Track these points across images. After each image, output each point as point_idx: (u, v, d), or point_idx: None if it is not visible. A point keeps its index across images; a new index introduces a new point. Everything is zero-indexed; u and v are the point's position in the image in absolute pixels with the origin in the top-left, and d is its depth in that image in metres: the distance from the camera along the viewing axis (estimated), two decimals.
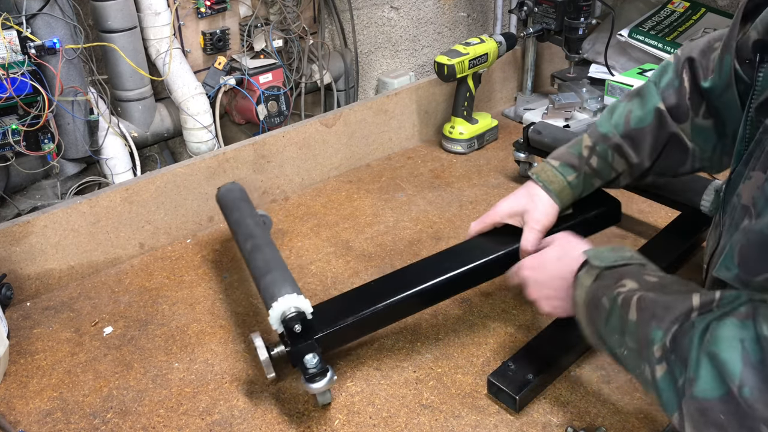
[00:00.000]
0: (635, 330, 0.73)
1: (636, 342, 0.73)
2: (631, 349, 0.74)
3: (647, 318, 0.72)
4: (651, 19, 1.96)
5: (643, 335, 0.71)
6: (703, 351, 0.63)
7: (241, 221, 1.18)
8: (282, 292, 0.94)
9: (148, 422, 0.98)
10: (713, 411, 0.61)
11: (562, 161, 1.08)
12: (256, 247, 1.09)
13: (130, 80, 1.48)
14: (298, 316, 0.92)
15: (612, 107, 1.08)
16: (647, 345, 0.70)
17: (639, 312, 0.74)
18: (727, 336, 0.62)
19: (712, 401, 0.61)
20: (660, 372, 0.68)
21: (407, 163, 1.73)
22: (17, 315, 1.21)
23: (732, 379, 0.60)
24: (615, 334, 0.77)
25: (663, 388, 0.68)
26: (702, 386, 0.62)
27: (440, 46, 2.11)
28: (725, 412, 0.61)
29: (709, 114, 0.97)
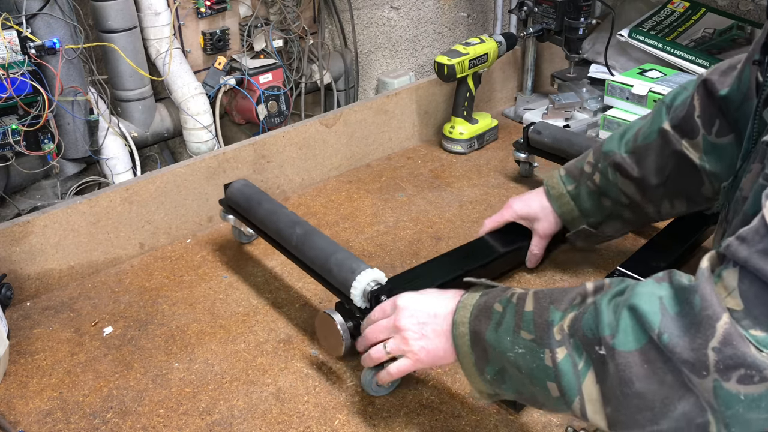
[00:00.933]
0: (532, 318, 0.73)
1: (533, 331, 0.72)
2: (527, 343, 0.72)
3: (545, 304, 0.73)
4: (651, 19, 1.96)
5: (541, 321, 0.71)
6: (622, 306, 0.64)
7: (277, 210, 1.18)
8: (361, 268, 0.99)
9: (148, 422, 0.98)
10: (636, 363, 0.62)
11: (567, 171, 1.13)
12: (309, 232, 1.11)
13: (130, 80, 1.48)
14: (381, 288, 0.97)
15: (627, 127, 1.11)
16: (547, 328, 0.70)
17: (536, 302, 0.74)
18: (645, 291, 0.64)
19: (634, 353, 0.63)
20: (561, 355, 0.69)
21: (407, 163, 1.73)
22: (17, 315, 1.21)
23: (651, 328, 0.61)
24: (507, 335, 0.74)
25: (564, 371, 0.68)
26: (622, 338, 0.63)
27: (440, 46, 2.11)
28: (647, 360, 0.62)
29: (724, 131, 0.97)
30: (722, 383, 0.58)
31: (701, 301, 0.59)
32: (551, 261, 1.31)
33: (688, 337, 0.59)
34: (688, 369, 0.60)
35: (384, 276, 1.00)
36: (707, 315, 0.59)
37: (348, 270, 1.00)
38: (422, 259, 1.32)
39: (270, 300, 1.24)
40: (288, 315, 1.20)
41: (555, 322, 0.71)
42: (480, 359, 0.78)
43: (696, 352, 0.59)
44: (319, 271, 1.07)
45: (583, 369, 0.67)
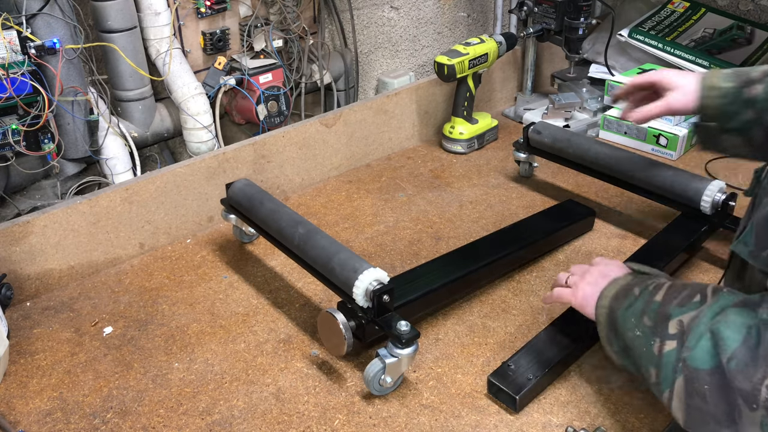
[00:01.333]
0: (656, 308, 0.78)
1: (653, 319, 0.77)
2: (646, 328, 0.78)
3: (671, 299, 0.77)
4: (651, 19, 1.96)
5: (662, 312, 0.76)
6: (709, 327, 0.68)
7: (279, 210, 1.19)
8: (363, 267, 1.00)
9: (148, 422, 0.98)
10: (699, 380, 0.67)
11: (734, 71, 1.07)
12: (311, 231, 1.11)
13: (130, 80, 1.48)
14: (384, 287, 0.98)
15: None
16: (664, 320, 0.75)
17: (665, 295, 0.79)
18: (736, 321, 0.66)
19: (701, 371, 0.67)
20: (668, 347, 0.73)
21: (407, 163, 1.73)
22: (17, 315, 1.21)
23: (725, 352, 0.65)
24: (633, 317, 0.81)
25: (666, 363, 0.72)
26: (696, 355, 0.67)
27: (440, 46, 2.11)
28: (710, 383, 0.66)
29: None
30: None
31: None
32: (551, 261, 1.32)
33: (752, 369, 0.62)
34: (742, 398, 0.63)
35: (386, 275, 1.00)
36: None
37: (350, 269, 1.00)
38: (422, 259, 1.32)
39: (270, 300, 1.24)
40: (288, 315, 1.20)
41: (673, 316, 0.74)
42: (610, 332, 0.87)
43: (752, 384, 0.62)
44: (321, 270, 1.07)
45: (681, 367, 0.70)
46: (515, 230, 1.34)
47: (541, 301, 1.10)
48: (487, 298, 1.22)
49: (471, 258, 1.22)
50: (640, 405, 0.98)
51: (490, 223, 1.45)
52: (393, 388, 1.02)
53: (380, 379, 0.98)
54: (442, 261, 1.22)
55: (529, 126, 1.54)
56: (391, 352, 0.97)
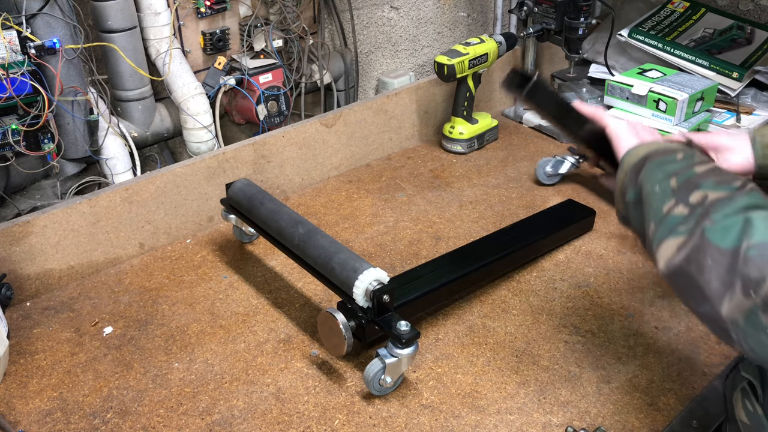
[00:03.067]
0: (689, 176, 0.75)
1: (680, 183, 0.75)
2: (668, 188, 0.76)
3: (708, 175, 0.75)
4: (651, 19, 1.96)
5: (693, 181, 0.74)
6: (742, 212, 0.67)
7: (279, 210, 1.19)
8: (363, 267, 1.00)
9: (148, 422, 0.98)
10: (706, 253, 0.67)
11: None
12: (312, 231, 1.11)
13: (130, 80, 1.48)
14: (384, 287, 0.98)
15: None
16: (691, 187, 0.73)
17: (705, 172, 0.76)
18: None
19: (714, 247, 0.66)
20: (678, 211, 0.72)
21: (407, 163, 1.73)
22: (17, 315, 1.21)
23: (749, 239, 0.64)
24: (662, 173, 0.78)
25: (667, 222, 0.73)
26: (717, 230, 0.67)
27: (440, 46, 2.11)
28: (716, 260, 0.66)
29: None
30: (759, 311, 0.62)
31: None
32: (551, 261, 1.32)
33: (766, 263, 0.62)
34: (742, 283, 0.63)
35: (386, 275, 1.00)
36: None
37: (351, 269, 1.00)
38: (422, 259, 1.32)
39: (270, 300, 1.24)
40: (288, 315, 1.20)
41: (701, 187, 0.73)
42: (631, 178, 0.82)
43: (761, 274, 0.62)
44: (321, 270, 1.07)
45: (681, 230, 0.71)
46: (515, 230, 1.34)
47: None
48: (487, 298, 1.22)
49: (471, 258, 1.22)
50: (640, 405, 0.98)
51: (490, 223, 1.45)
52: (393, 388, 1.02)
53: (380, 379, 0.98)
54: (442, 261, 1.22)
55: None
56: (391, 352, 0.97)
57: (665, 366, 1.06)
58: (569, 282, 1.26)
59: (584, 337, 1.12)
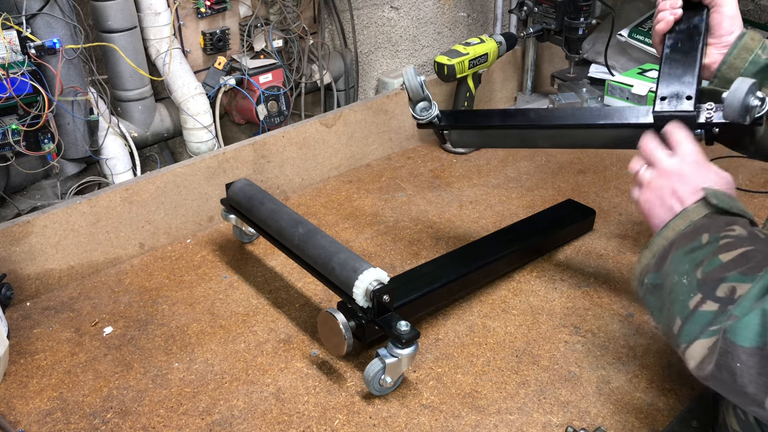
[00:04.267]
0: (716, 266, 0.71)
1: (706, 274, 0.71)
2: (694, 280, 0.72)
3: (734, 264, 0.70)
4: (651, 19, 1.96)
5: (719, 273, 0.70)
6: (759, 304, 0.63)
7: (279, 210, 1.19)
8: (363, 267, 1.00)
9: (148, 422, 0.98)
10: (734, 356, 0.62)
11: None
12: (312, 231, 1.11)
13: (130, 80, 1.48)
14: (384, 287, 0.98)
15: None
16: (717, 281, 0.69)
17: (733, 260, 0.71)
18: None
19: (740, 348, 0.62)
20: (706, 307, 0.68)
21: (407, 163, 1.73)
22: (17, 315, 1.21)
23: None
24: (688, 263, 0.74)
25: (695, 319, 0.68)
26: (740, 330, 0.62)
27: (440, 46, 2.11)
28: (745, 362, 0.61)
29: None
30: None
31: None
32: (551, 262, 1.32)
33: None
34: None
35: (386, 275, 1.00)
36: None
37: (351, 269, 1.00)
38: (422, 259, 1.32)
39: (270, 300, 1.24)
40: (288, 315, 1.20)
41: (728, 280, 0.69)
42: (655, 264, 0.79)
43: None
44: (321, 270, 1.07)
45: (710, 331, 0.67)
46: (515, 230, 1.34)
47: None
48: (487, 298, 1.22)
49: (471, 258, 1.22)
50: (640, 405, 0.98)
51: (490, 223, 1.45)
52: (393, 388, 1.02)
53: (380, 379, 0.98)
54: (442, 261, 1.22)
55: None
56: (391, 352, 0.97)
57: (665, 366, 1.06)
58: (569, 282, 1.26)
59: (584, 337, 1.12)
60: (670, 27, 1.03)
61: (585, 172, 1.63)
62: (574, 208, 1.42)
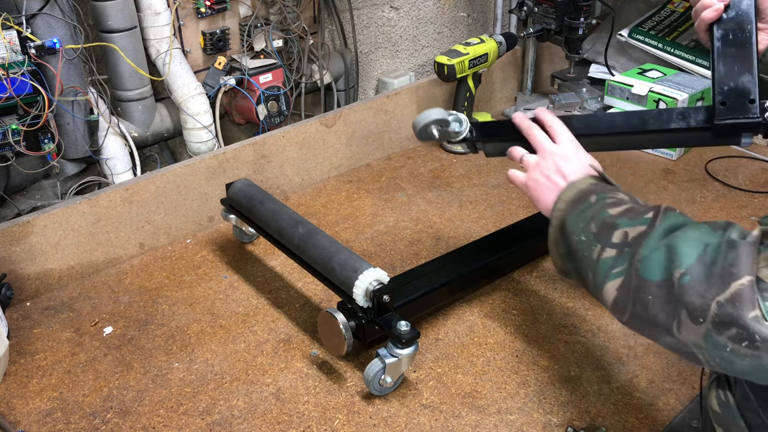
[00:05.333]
0: (605, 217, 0.77)
1: (599, 226, 0.77)
2: (590, 234, 0.78)
3: (622, 214, 0.77)
4: (651, 19, 1.96)
5: (610, 221, 0.76)
6: (664, 241, 0.68)
7: (279, 210, 1.19)
8: (363, 267, 1.00)
9: (148, 422, 0.98)
10: (645, 290, 0.68)
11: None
12: (312, 231, 1.11)
13: (130, 80, 1.48)
14: (384, 287, 0.98)
15: None
16: (610, 228, 0.75)
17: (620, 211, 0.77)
18: (694, 237, 0.67)
19: (649, 282, 0.67)
20: (606, 254, 0.74)
21: (407, 163, 1.73)
22: (17, 315, 1.21)
23: (678, 267, 0.65)
24: (582, 222, 0.80)
25: (600, 267, 0.74)
26: (647, 266, 0.68)
27: (440, 46, 2.11)
28: (654, 293, 0.67)
29: None
30: (713, 333, 0.62)
31: (735, 257, 0.63)
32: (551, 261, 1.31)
33: (705, 285, 0.63)
34: (687, 312, 0.63)
35: (386, 275, 1.00)
36: (729, 272, 0.62)
37: (350, 269, 1.00)
38: (422, 259, 1.32)
39: (270, 300, 1.24)
40: (288, 315, 1.20)
41: (619, 226, 0.75)
42: (559, 235, 0.85)
43: (703, 299, 0.62)
44: (321, 270, 1.07)
45: (616, 273, 0.72)
46: (515, 230, 1.34)
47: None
48: (487, 298, 1.22)
49: (471, 258, 1.22)
50: (640, 405, 0.98)
51: (490, 223, 1.45)
52: (393, 388, 1.02)
53: (380, 379, 0.98)
54: (442, 261, 1.22)
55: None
56: (391, 352, 0.97)
57: (665, 366, 1.06)
58: (569, 282, 1.26)
59: (584, 337, 1.12)
60: (719, 15, 0.92)
61: None
62: None
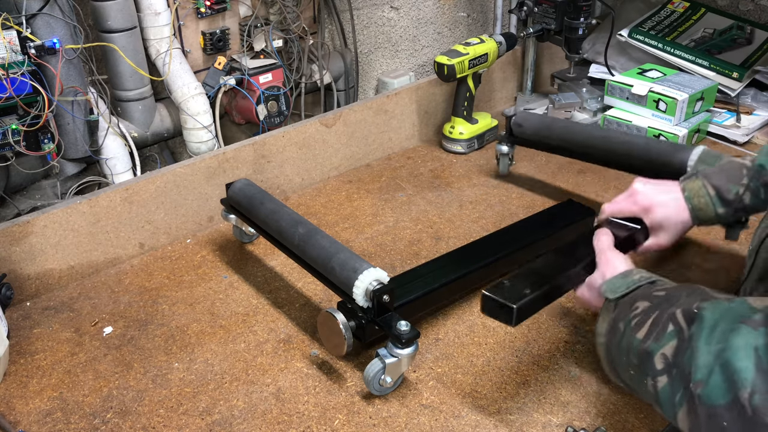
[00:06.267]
0: (638, 346, 0.76)
1: (638, 357, 0.75)
2: (635, 367, 0.76)
3: (649, 336, 0.75)
4: (651, 19, 1.96)
5: (643, 350, 0.74)
6: (717, 360, 0.64)
7: (279, 210, 1.19)
8: (363, 267, 1.00)
9: (148, 422, 0.98)
10: (718, 417, 0.63)
11: (717, 192, 1.04)
12: (312, 231, 1.11)
13: (130, 80, 1.48)
14: (384, 287, 0.98)
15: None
16: (648, 357, 0.73)
17: (646, 331, 0.76)
18: (741, 344, 0.63)
19: (719, 407, 0.63)
20: (660, 384, 0.71)
21: (407, 163, 1.73)
22: (17, 315, 1.21)
23: (743, 385, 0.61)
24: (624, 356, 0.79)
25: (663, 399, 0.71)
26: (710, 392, 0.64)
27: (440, 46, 2.11)
28: (729, 419, 0.62)
29: None
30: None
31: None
32: None
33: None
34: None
35: (386, 275, 1.00)
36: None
37: (350, 269, 1.00)
38: (422, 259, 1.32)
39: (270, 300, 1.24)
40: (288, 315, 1.20)
41: (654, 352, 0.73)
42: (611, 368, 0.85)
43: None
44: (321, 270, 1.07)
45: (679, 400, 0.69)
46: (515, 230, 1.34)
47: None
48: None
49: (471, 258, 1.22)
50: (640, 405, 0.98)
51: (490, 223, 1.45)
52: (393, 388, 1.02)
53: (380, 379, 0.98)
54: (442, 261, 1.22)
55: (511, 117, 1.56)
56: (391, 352, 0.97)
57: None
58: None
59: (584, 337, 1.12)
60: None
61: (585, 172, 1.63)
62: (574, 208, 1.42)
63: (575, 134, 1.47)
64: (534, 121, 1.54)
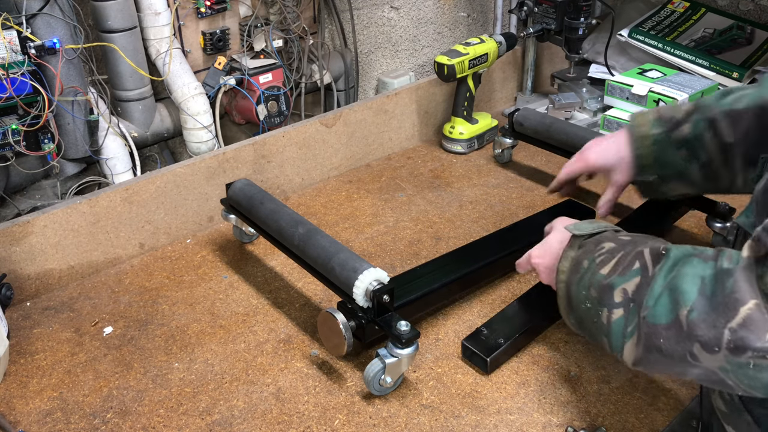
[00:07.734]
0: (601, 280, 0.80)
1: (598, 290, 0.80)
2: (594, 300, 0.81)
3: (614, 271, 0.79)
4: (651, 19, 1.96)
5: (606, 283, 0.79)
6: (666, 285, 0.71)
7: (279, 210, 1.19)
8: (363, 267, 1.00)
9: (148, 422, 0.98)
10: (656, 336, 0.70)
11: (659, 115, 1.10)
12: (311, 231, 1.11)
13: (130, 80, 1.48)
14: (384, 287, 0.99)
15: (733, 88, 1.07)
16: (608, 290, 0.78)
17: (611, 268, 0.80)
18: (690, 273, 0.69)
19: (659, 326, 0.70)
20: (615, 316, 0.76)
21: (407, 163, 1.73)
22: (17, 315, 1.21)
23: (684, 305, 0.68)
24: (583, 290, 0.83)
25: (614, 330, 0.77)
26: (656, 312, 0.71)
27: (440, 46, 2.11)
28: (665, 336, 0.69)
29: None
30: (732, 358, 0.64)
31: (733, 284, 0.64)
32: None
33: (712, 316, 0.65)
34: (701, 345, 0.65)
35: (386, 275, 1.00)
36: (735, 298, 0.64)
37: (350, 269, 1.00)
38: (422, 259, 1.32)
39: (270, 300, 1.24)
40: (288, 315, 1.20)
41: (615, 285, 0.77)
42: (567, 305, 0.89)
43: (714, 330, 0.64)
44: (321, 270, 1.07)
45: (630, 331, 0.74)
46: (515, 230, 1.34)
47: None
48: (487, 298, 1.22)
49: (471, 258, 1.22)
50: (640, 405, 0.98)
51: (490, 223, 1.45)
52: (393, 388, 1.02)
53: (380, 379, 0.98)
54: (442, 261, 1.22)
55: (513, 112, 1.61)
56: (391, 352, 0.97)
57: None
58: None
59: (584, 337, 1.12)
60: None
61: None
62: (574, 208, 1.42)
63: (572, 136, 1.49)
64: (534, 118, 1.56)
